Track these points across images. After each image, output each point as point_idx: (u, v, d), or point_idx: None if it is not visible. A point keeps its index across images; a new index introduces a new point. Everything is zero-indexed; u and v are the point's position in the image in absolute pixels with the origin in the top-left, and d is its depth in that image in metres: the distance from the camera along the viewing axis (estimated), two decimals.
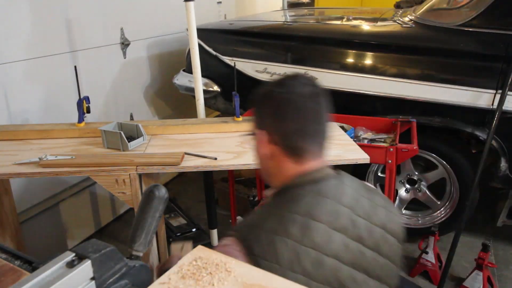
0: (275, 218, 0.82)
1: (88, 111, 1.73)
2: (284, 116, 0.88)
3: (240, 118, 1.76)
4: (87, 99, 1.73)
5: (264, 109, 0.92)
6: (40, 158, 1.41)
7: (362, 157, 1.46)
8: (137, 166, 1.38)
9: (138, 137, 1.58)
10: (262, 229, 0.81)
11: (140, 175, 1.40)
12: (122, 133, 1.52)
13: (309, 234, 0.79)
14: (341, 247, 0.82)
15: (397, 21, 2.50)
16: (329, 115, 0.93)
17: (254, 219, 0.86)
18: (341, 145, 1.58)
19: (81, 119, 1.71)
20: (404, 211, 2.39)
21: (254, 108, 0.95)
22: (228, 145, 1.57)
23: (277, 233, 0.79)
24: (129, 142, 1.53)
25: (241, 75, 2.44)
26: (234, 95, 1.75)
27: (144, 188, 1.45)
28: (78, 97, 1.75)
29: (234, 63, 2.23)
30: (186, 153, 1.46)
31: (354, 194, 0.89)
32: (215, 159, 1.43)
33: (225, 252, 0.72)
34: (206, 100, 2.32)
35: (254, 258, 0.77)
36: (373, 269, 0.87)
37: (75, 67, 1.73)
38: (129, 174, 1.37)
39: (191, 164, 1.41)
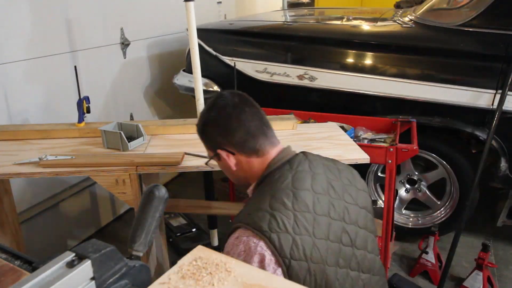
0: (268, 198, 0.96)
1: (88, 111, 1.73)
2: (227, 131, 1.05)
3: None
4: (87, 99, 1.73)
5: (210, 134, 1.09)
6: (40, 158, 1.41)
7: (362, 157, 1.46)
8: (137, 166, 1.38)
9: (138, 137, 1.58)
10: (262, 210, 0.94)
11: (140, 175, 1.40)
12: (122, 133, 1.52)
13: (300, 201, 0.95)
14: (328, 206, 0.99)
15: (397, 21, 2.50)
16: (258, 109, 1.11)
17: (251, 207, 0.97)
18: (341, 145, 1.58)
19: (81, 119, 1.71)
20: (404, 211, 2.39)
21: (203, 137, 1.12)
22: None
23: (275, 208, 0.93)
24: (129, 142, 1.52)
25: (241, 75, 2.44)
26: None
27: (144, 188, 1.45)
28: (78, 97, 1.75)
29: (234, 63, 2.23)
30: (186, 153, 1.46)
31: (321, 162, 1.07)
32: None
33: (241, 241, 0.91)
34: (206, 100, 2.32)
35: (266, 233, 0.89)
36: (359, 219, 1.04)
37: (75, 67, 1.73)
38: (129, 174, 1.37)
39: (191, 164, 1.41)
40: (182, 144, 1.60)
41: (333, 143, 1.61)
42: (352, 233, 1.02)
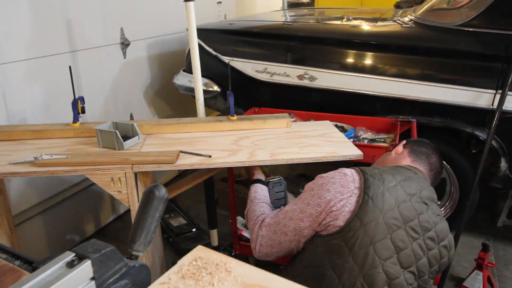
0: (387, 168, 1.20)
1: (83, 111, 1.73)
2: (421, 145, 1.36)
3: (235, 117, 1.76)
4: (81, 99, 1.73)
5: (411, 141, 1.43)
6: (35, 158, 1.40)
7: (355, 153, 1.47)
8: (132, 164, 1.38)
9: (133, 136, 1.58)
10: (376, 168, 1.18)
11: (135, 174, 1.40)
12: (117, 132, 1.52)
13: (407, 185, 1.14)
14: (421, 211, 1.13)
15: (397, 21, 2.50)
16: (439, 176, 1.35)
17: (371, 167, 1.24)
18: (335, 142, 1.59)
19: (76, 119, 1.71)
20: None
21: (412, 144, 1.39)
22: (223, 144, 1.57)
23: (386, 172, 1.16)
24: (124, 141, 1.53)
25: (241, 75, 2.44)
26: (228, 94, 1.75)
27: (140, 186, 1.45)
28: (73, 97, 1.75)
29: (229, 61, 2.22)
30: (181, 151, 1.46)
31: (433, 196, 1.22)
32: (210, 156, 1.43)
33: (335, 174, 1.16)
34: (206, 100, 2.33)
35: (366, 175, 1.12)
36: (431, 252, 1.13)
37: (70, 67, 1.73)
38: (125, 172, 1.37)
39: (186, 162, 1.41)
40: (177, 143, 1.60)
41: (327, 140, 1.62)
42: (421, 250, 1.11)
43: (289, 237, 1.16)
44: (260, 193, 1.41)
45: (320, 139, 1.63)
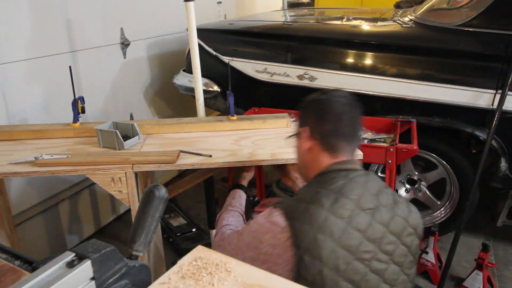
0: (311, 193, 1.01)
1: (83, 111, 1.73)
2: (324, 118, 1.08)
3: (235, 117, 1.76)
4: (81, 99, 1.73)
5: (308, 111, 1.13)
6: (35, 158, 1.40)
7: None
8: (133, 164, 1.38)
9: (133, 136, 1.59)
10: (300, 201, 1.00)
11: (136, 174, 1.40)
12: (117, 132, 1.52)
13: (338, 207, 0.96)
14: (365, 225, 0.97)
15: (397, 21, 2.50)
16: (359, 119, 1.11)
17: (296, 197, 1.05)
18: None
19: (76, 119, 1.71)
20: None
21: (301, 111, 1.15)
22: (223, 143, 1.58)
23: (312, 202, 0.97)
24: (124, 141, 1.53)
25: (241, 75, 2.44)
26: (228, 94, 1.75)
27: (140, 186, 1.45)
28: (73, 97, 1.75)
29: (228, 61, 2.22)
30: (181, 151, 1.47)
31: (379, 186, 1.05)
32: (210, 156, 1.43)
33: (269, 211, 1.00)
34: (206, 100, 2.32)
35: (292, 221, 0.96)
36: (395, 254, 1.01)
37: (70, 67, 1.73)
38: (125, 172, 1.37)
39: (187, 161, 1.41)
40: (177, 143, 1.60)
41: None
42: (382, 263, 0.98)
43: (248, 258, 1.03)
44: (237, 200, 1.36)
45: None
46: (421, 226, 1.09)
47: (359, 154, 1.20)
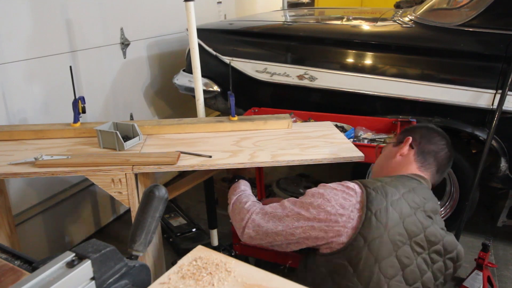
0: (389, 180, 1.13)
1: (84, 111, 1.73)
2: (433, 140, 1.25)
3: (236, 118, 1.76)
4: (82, 99, 1.72)
5: (419, 129, 1.29)
6: (35, 158, 1.40)
7: (356, 155, 1.46)
8: (133, 165, 1.38)
9: (134, 137, 1.58)
10: (378, 180, 1.12)
11: (136, 175, 1.40)
12: (117, 132, 1.51)
13: (411, 197, 1.09)
14: (427, 225, 1.08)
15: (397, 21, 2.50)
16: (451, 161, 1.27)
17: (373, 179, 1.16)
18: (336, 144, 1.59)
19: (76, 119, 1.71)
20: None
21: (409, 126, 1.35)
22: (224, 144, 1.57)
23: (388, 184, 1.10)
24: (125, 142, 1.52)
25: (241, 75, 2.44)
26: (229, 94, 1.75)
27: (140, 187, 1.45)
28: (74, 97, 1.75)
29: (230, 61, 2.22)
30: (181, 152, 1.46)
31: (437, 208, 1.16)
32: (210, 157, 1.43)
33: (339, 185, 1.10)
34: (206, 100, 2.33)
35: (368, 189, 1.06)
36: (436, 265, 1.10)
37: (70, 67, 1.73)
38: (125, 173, 1.37)
39: (187, 163, 1.41)
40: (177, 144, 1.60)
41: (328, 141, 1.61)
42: (426, 266, 1.08)
43: (278, 231, 1.11)
44: (248, 190, 1.39)
45: (321, 141, 1.62)
46: (462, 261, 1.17)
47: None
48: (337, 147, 1.55)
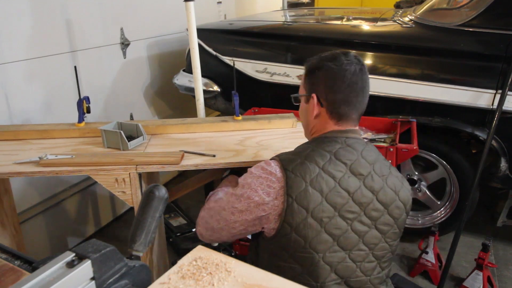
0: (309, 150, 1.07)
1: (88, 111, 1.73)
2: (334, 87, 1.09)
3: (240, 117, 1.76)
4: (87, 99, 1.73)
5: (317, 78, 1.12)
6: (40, 158, 1.41)
7: None
8: (137, 165, 1.38)
9: (138, 137, 1.58)
10: (297, 155, 1.06)
11: (140, 174, 1.40)
12: (122, 132, 1.52)
13: (331, 167, 1.03)
14: (354, 188, 1.03)
15: (397, 21, 2.50)
16: (368, 87, 1.12)
17: (292, 151, 1.11)
18: None
19: (81, 119, 1.71)
20: None
21: (309, 75, 1.14)
22: (228, 144, 1.57)
23: (308, 159, 1.04)
24: (129, 141, 1.53)
25: (241, 75, 2.44)
26: (233, 94, 1.75)
27: (144, 187, 1.45)
28: (78, 97, 1.75)
29: (234, 62, 2.23)
30: (184, 152, 1.46)
31: (376, 156, 1.10)
32: (214, 156, 1.43)
33: (266, 161, 1.07)
34: (206, 100, 2.33)
35: (287, 172, 1.02)
36: (379, 221, 1.07)
37: (75, 67, 1.73)
38: (129, 173, 1.37)
39: (190, 162, 1.41)
40: (181, 143, 1.60)
41: None
42: (364, 226, 1.05)
43: (220, 227, 1.12)
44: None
45: None
46: (410, 203, 1.13)
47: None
48: None
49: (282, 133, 1.69)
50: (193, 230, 2.50)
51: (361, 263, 1.07)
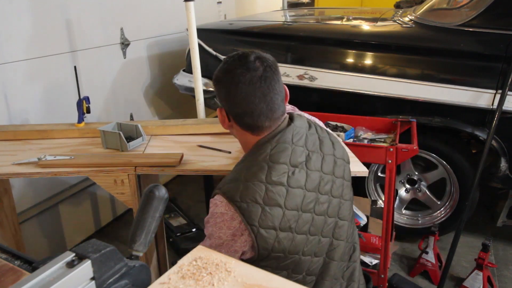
0: (245, 170, 1.00)
1: (88, 111, 1.73)
2: (233, 102, 1.04)
3: None
4: (87, 99, 1.73)
5: (218, 92, 1.08)
6: (39, 158, 1.41)
7: (360, 170, 1.40)
8: (135, 166, 1.38)
9: (137, 138, 1.58)
10: (237, 180, 0.99)
11: (138, 176, 1.40)
12: (121, 133, 1.51)
13: (274, 175, 0.98)
14: (303, 180, 1.01)
15: (397, 21, 2.50)
16: (276, 88, 1.04)
17: (230, 176, 1.03)
18: None
19: (80, 119, 1.71)
20: (404, 211, 2.39)
21: (215, 87, 1.10)
22: (229, 146, 1.56)
23: (249, 180, 0.97)
24: (128, 142, 1.52)
25: None
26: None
27: (143, 188, 1.45)
28: (78, 97, 1.75)
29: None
30: (200, 146, 1.45)
31: (303, 132, 1.06)
32: (229, 152, 1.42)
33: (217, 206, 0.99)
34: (206, 100, 2.32)
35: (237, 204, 0.96)
36: (333, 189, 1.08)
37: (75, 67, 1.73)
38: (128, 174, 1.37)
39: (189, 167, 1.40)
40: (181, 146, 1.59)
41: None
42: (324, 203, 1.06)
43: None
44: None
45: None
46: (346, 153, 1.16)
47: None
48: None
49: None
50: (193, 230, 2.50)
51: (334, 233, 1.09)
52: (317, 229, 1.05)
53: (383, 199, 2.20)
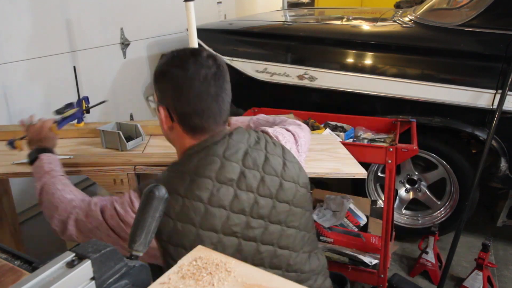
0: (166, 179, 0.92)
1: (88, 111, 1.73)
2: (181, 99, 0.94)
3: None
4: (86, 99, 1.73)
5: (163, 87, 0.97)
6: None
7: (359, 171, 1.40)
8: (135, 166, 1.38)
9: (136, 137, 1.58)
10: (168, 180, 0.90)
11: (138, 175, 1.40)
12: (120, 133, 1.52)
13: (195, 189, 0.88)
14: (229, 200, 0.90)
15: (397, 21, 2.50)
16: (224, 89, 0.97)
17: (153, 180, 0.94)
18: (339, 159, 1.54)
19: (80, 119, 1.71)
20: (404, 211, 2.39)
21: (156, 83, 0.99)
22: None
23: (168, 189, 0.86)
24: (127, 142, 1.52)
25: (241, 75, 2.44)
26: None
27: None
28: (77, 97, 1.75)
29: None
30: None
31: (246, 146, 0.96)
32: None
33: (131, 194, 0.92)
34: None
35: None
36: (272, 214, 0.95)
37: (74, 67, 1.73)
38: (127, 174, 1.37)
39: None
40: None
41: (331, 155, 1.58)
42: (257, 228, 0.94)
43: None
44: (57, 169, 1.16)
45: (325, 154, 1.59)
46: (303, 174, 1.02)
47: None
48: (340, 162, 1.51)
49: None
50: None
51: (272, 263, 0.98)
52: (245, 257, 0.93)
53: (383, 199, 2.20)
